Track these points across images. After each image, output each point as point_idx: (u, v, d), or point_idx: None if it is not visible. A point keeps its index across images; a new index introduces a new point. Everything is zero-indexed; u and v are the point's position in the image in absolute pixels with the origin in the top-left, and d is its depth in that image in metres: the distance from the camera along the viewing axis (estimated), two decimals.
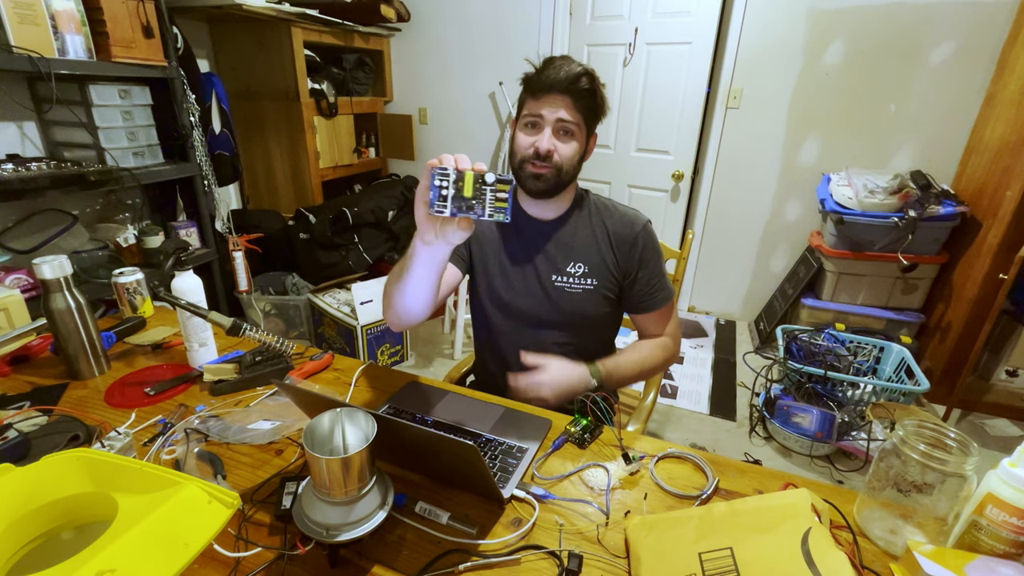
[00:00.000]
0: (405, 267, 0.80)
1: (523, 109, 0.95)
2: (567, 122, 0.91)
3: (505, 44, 2.88)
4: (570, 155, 0.94)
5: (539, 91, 0.91)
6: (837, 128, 2.44)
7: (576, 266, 1.01)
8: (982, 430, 2.06)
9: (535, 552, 0.62)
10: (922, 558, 0.54)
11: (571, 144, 0.94)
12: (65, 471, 0.58)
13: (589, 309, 1.02)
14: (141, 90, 1.81)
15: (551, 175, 0.93)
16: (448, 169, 0.64)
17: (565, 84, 0.89)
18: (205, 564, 0.59)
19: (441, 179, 0.64)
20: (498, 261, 1.04)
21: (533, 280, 1.02)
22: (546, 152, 0.91)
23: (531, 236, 1.03)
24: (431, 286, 0.83)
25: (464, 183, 0.65)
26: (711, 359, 2.56)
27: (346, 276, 2.51)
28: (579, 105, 0.91)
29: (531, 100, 0.93)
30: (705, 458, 0.78)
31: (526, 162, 0.94)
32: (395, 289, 0.85)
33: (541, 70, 0.92)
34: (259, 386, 0.94)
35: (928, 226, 2.10)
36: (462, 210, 0.66)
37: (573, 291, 1.01)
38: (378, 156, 3.32)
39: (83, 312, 0.91)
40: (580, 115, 0.92)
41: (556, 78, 0.89)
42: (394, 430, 0.62)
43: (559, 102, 0.91)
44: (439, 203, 0.65)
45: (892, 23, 2.22)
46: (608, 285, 1.02)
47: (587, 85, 0.91)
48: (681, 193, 2.83)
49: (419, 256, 0.77)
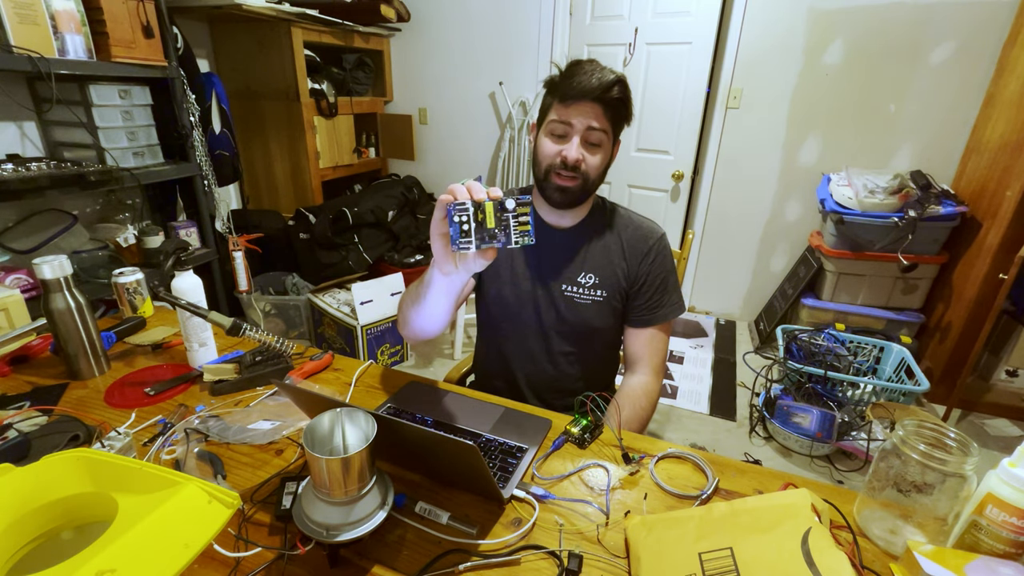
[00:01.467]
0: (422, 294, 0.80)
1: (549, 114, 0.91)
2: (597, 130, 0.88)
3: (505, 44, 2.88)
4: (597, 165, 0.91)
5: (569, 97, 0.87)
6: (837, 128, 2.44)
7: (587, 277, 0.99)
8: (982, 430, 2.06)
9: (535, 552, 0.62)
10: (922, 558, 0.54)
11: (598, 155, 0.91)
12: (65, 471, 0.58)
13: (596, 320, 1.01)
14: (141, 90, 1.81)
15: (578, 187, 0.91)
16: (466, 203, 0.62)
17: (598, 92, 0.86)
18: (205, 564, 0.59)
19: (460, 214, 0.62)
20: (509, 267, 1.02)
21: (543, 288, 1.01)
22: (574, 162, 0.88)
23: (545, 244, 1.00)
24: (449, 308, 0.83)
25: (485, 215, 0.62)
26: (711, 359, 2.56)
27: (346, 276, 2.51)
28: (609, 113, 0.88)
29: (559, 106, 0.89)
30: (705, 458, 0.78)
31: (552, 172, 0.91)
32: (412, 312, 0.85)
33: (571, 75, 0.87)
34: (259, 386, 0.94)
35: (928, 226, 2.10)
36: (486, 240, 0.63)
37: (582, 302, 0.99)
38: (378, 156, 3.32)
39: (83, 312, 0.91)
40: (609, 123, 0.89)
41: (589, 85, 0.85)
42: (394, 430, 0.62)
43: (589, 110, 0.87)
44: (462, 240, 0.63)
45: (892, 23, 2.22)
46: (617, 296, 1.00)
47: (619, 94, 0.87)
48: (681, 193, 2.83)
49: (437, 285, 0.76)
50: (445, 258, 0.70)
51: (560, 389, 1.06)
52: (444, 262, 0.70)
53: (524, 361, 1.06)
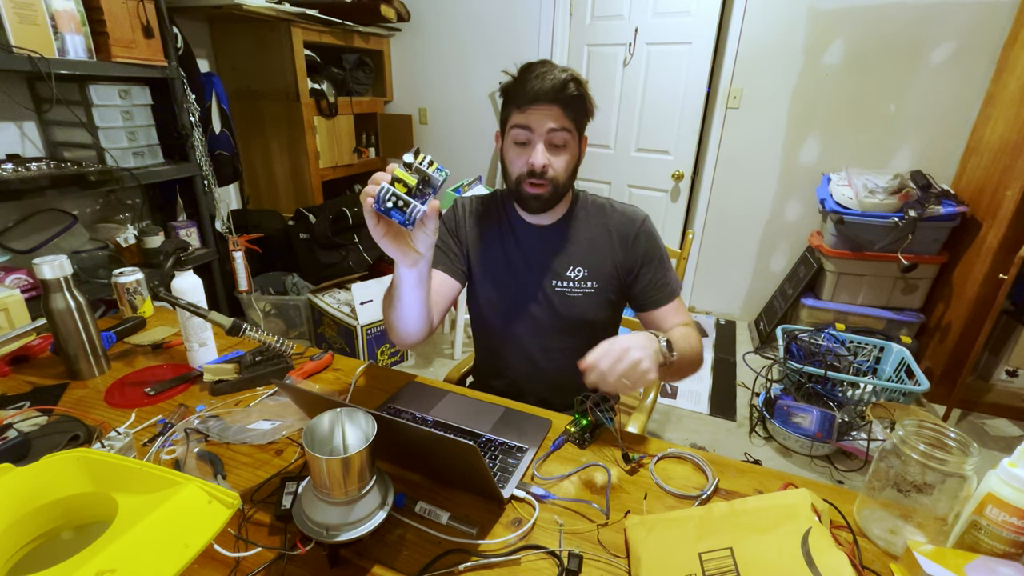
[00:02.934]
0: (396, 295, 0.82)
1: (508, 122, 0.90)
2: (558, 131, 0.87)
3: (505, 44, 2.88)
4: (564, 167, 0.91)
5: (524, 102, 0.86)
6: (837, 128, 2.44)
7: (576, 270, 0.99)
8: (982, 430, 2.06)
9: (535, 552, 0.62)
10: (922, 558, 0.54)
11: (564, 156, 0.90)
12: (65, 471, 0.58)
13: (591, 313, 1.01)
14: (141, 90, 1.81)
15: (548, 193, 0.91)
16: (383, 186, 0.65)
17: (552, 93, 0.85)
18: (205, 564, 0.59)
19: (387, 200, 0.65)
20: (497, 269, 1.02)
21: (533, 287, 1.01)
22: (542, 168, 0.88)
23: (529, 243, 1.01)
24: (422, 302, 0.84)
25: (402, 180, 0.66)
26: (711, 359, 2.56)
27: (346, 276, 2.51)
28: (568, 112, 0.88)
29: (517, 112, 0.88)
30: (705, 458, 0.78)
31: (522, 182, 0.91)
32: (393, 315, 0.86)
33: (524, 80, 0.87)
34: (259, 386, 0.94)
35: (928, 226, 2.10)
36: (421, 197, 0.67)
37: (574, 295, 1.00)
38: (378, 156, 3.31)
39: (83, 312, 0.91)
40: (570, 121, 0.89)
41: (542, 88, 0.85)
42: (394, 430, 0.62)
43: (547, 112, 0.86)
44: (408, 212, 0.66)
45: (892, 23, 2.22)
46: (610, 286, 1.00)
47: (575, 91, 0.87)
48: (681, 193, 2.83)
49: (407, 279, 0.79)
50: (401, 251, 0.73)
51: (560, 386, 1.06)
52: (403, 255, 0.73)
53: (521, 360, 1.06)
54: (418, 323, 0.86)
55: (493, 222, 1.03)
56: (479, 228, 1.04)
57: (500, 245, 1.03)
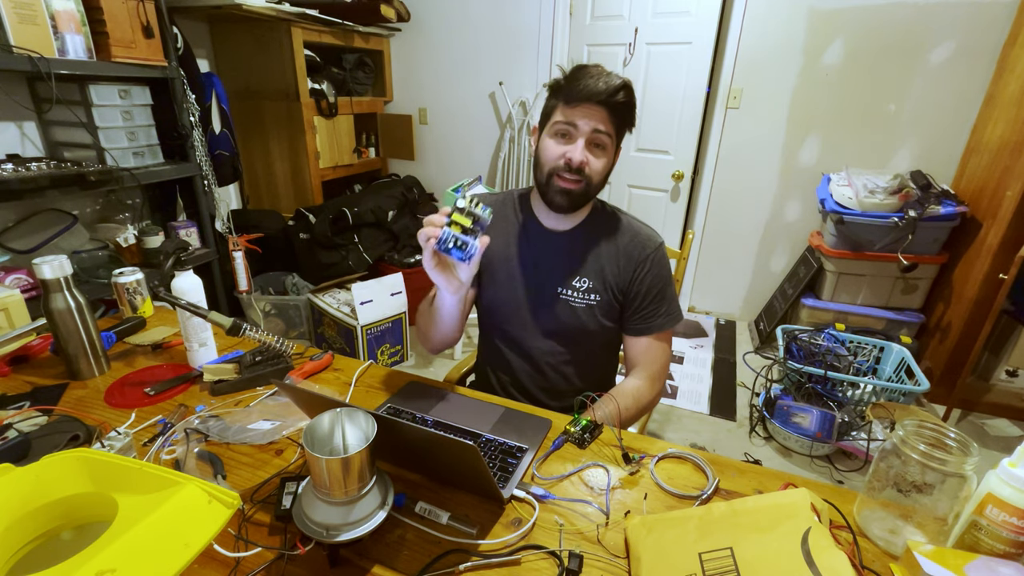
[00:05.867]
0: (441, 315, 0.93)
1: (553, 116, 0.91)
2: (602, 133, 0.88)
3: (505, 44, 2.88)
4: (600, 169, 0.91)
5: (575, 100, 0.87)
6: (837, 128, 2.44)
7: (582, 280, 0.99)
8: (982, 430, 2.06)
9: (535, 552, 0.62)
10: (922, 558, 0.54)
11: (602, 159, 0.91)
12: (65, 471, 0.58)
13: (591, 324, 1.00)
14: (141, 90, 1.81)
15: (580, 190, 0.91)
16: (446, 230, 0.73)
17: (604, 95, 0.86)
18: (205, 564, 0.59)
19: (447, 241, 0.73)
20: (506, 270, 1.02)
21: (539, 291, 1.01)
22: (579, 164, 0.88)
23: (542, 247, 1.00)
24: (459, 317, 0.96)
25: (458, 222, 0.74)
26: (711, 359, 2.56)
27: (346, 276, 2.51)
28: (614, 118, 0.88)
29: (564, 108, 0.89)
30: (705, 458, 0.78)
31: (555, 174, 0.90)
32: (433, 331, 0.98)
33: (577, 78, 0.87)
34: (259, 386, 0.94)
35: (928, 226, 2.10)
36: (474, 235, 0.75)
37: (577, 305, 0.99)
38: (378, 156, 3.32)
39: (83, 312, 0.91)
40: (614, 128, 0.89)
41: (596, 88, 0.86)
42: (394, 430, 0.62)
43: (595, 113, 0.87)
44: (460, 251, 0.74)
45: (892, 23, 2.22)
46: (610, 301, 0.99)
47: (625, 98, 0.87)
48: (681, 193, 2.83)
49: (450, 303, 0.90)
50: (447, 280, 0.82)
51: (557, 391, 1.06)
52: (448, 283, 0.82)
53: (522, 362, 1.06)
54: (455, 333, 1.00)
55: (506, 222, 1.04)
56: (492, 227, 1.03)
57: (512, 246, 1.02)
